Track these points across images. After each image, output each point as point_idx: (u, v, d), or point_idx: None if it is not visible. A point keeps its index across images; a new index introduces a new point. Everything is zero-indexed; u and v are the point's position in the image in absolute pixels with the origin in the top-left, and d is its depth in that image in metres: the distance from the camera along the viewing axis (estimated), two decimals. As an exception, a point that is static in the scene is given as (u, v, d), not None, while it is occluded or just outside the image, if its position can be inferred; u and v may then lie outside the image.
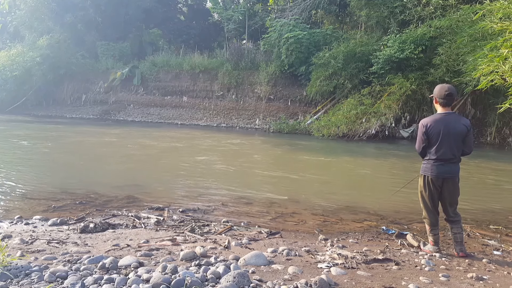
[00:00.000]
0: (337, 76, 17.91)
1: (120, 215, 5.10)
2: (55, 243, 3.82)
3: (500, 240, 4.53)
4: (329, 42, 19.22)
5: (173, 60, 25.82)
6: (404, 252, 3.93)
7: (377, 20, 18.38)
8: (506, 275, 3.40)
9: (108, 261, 3.16)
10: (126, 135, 15.87)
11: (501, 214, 5.80)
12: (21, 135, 14.54)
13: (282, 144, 14.60)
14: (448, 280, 3.20)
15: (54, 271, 2.91)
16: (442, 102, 3.78)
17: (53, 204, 5.60)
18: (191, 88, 24.56)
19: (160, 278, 2.78)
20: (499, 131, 15.58)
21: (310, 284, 2.91)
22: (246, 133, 18.66)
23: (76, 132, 16.46)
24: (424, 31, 15.60)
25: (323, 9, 22.42)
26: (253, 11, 27.30)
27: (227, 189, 7.07)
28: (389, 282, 3.10)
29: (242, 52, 23.58)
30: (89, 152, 11.34)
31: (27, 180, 7.24)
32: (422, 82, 15.53)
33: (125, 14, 29.13)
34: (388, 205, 6.08)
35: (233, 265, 3.18)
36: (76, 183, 7.10)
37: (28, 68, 25.77)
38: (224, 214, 5.42)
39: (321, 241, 4.26)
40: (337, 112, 16.87)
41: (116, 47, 27.84)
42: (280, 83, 21.64)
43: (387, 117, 15.57)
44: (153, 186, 7.03)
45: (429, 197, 3.87)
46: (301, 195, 6.75)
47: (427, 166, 3.85)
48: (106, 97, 26.70)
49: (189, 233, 4.36)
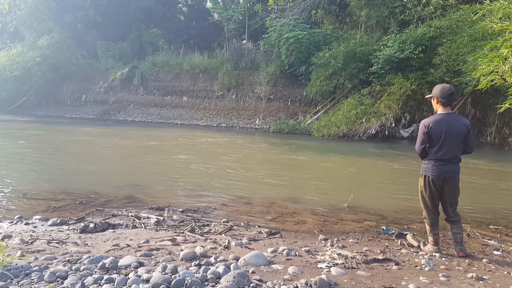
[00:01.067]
0: (337, 76, 17.92)
1: (120, 215, 5.10)
2: (55, 243, 3.82)
3: (500, 240, 4.53)
4: (329, 42, 19.22)
5: (173, 60, 25.82)
6: (404, 252, 3.93)
7: (377, 20, 18.38)
8: (506, 275, 3.40)
9: (108, 261, 3.16)
10: (126, 135, 15.86)
11: (501, 214, 5.80)
12: (21, 135, 14.54)
13: (282, 144, 14.60)
14: (448, 280, 3.20)
15: (54, 271, 2.91)
16: (444, 102, 3.78)
17: (53, 204, 5.60)
18: (191, 88, 24.57)
19: (160, 278, 2.78)
20: (499, 131, 15.58)
21: (310, 284, 2.91)
22: (246, 133, 18.65)
23: (76, 132, 16.46)
24: (424, 31, 15.60)
25: (323, 9, 22.42)
26: (253, 11, 27.29)
27: (227, 189, 7.07)
28: (389, 282, 3.10)
29: (242, 52, 23.58)
30: (89, 152, 11.34)
31: (27, 180, 7.24)
32: (422, 82, 15.53)
33: (125, 14, 29.12)
34: (388, 205, 6.08)
35: (233, 265, 3.18)
36: (76, 183, 7.09)
37: (28, 68, 25.75)
38: (224, 214, 5.42)
39: (321, 241, 4.26)
40: (337, 112, 16.88)
41: (116, 47, 27.84)
42: (280, 83, 21.64)
43: (387, 117, 15.57)
44: (153, 186, 7.03)
45: (429, 197, 3.88)
46: (301, 195, 6.75)
47: (428, 166, 3.85)
48: (106, 97, 26.70)
49: (189, 233, 4.36)
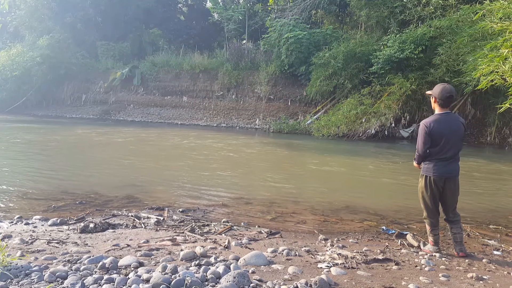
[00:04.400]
0: (337, 76, 17.92)
1: (120, 215, 5.10)
2: (55, 243, 3.82)
3: (500, 240, 4.53)
4: (329, 42, 19.22)
5: (173, 60, 25.82)
6: (404, 252, 3.93)
7: (377, 20, 18.38)
8: (506, 275, 3.40)
9: (108, 261, 3.16)
10: (125, 135, 15.86)
11: (501, 214, 5.80)
12: (21, 135, 14.53)
13: (282, 144, 14.60)
14: (448, 280, 3.20)
15: (54, 271, 2.91)
16: (442, 104, 3.78)
17: (53, 204, 5.60)
18: (191, 88, 24.56)
19: (160, 278, 2.78)
20: (499, 131, 15.58)
21: (310, 284, 2.91)
22: (246, 133, 18.65)
23: (76, 132, 16.45)
24: (424, 31, 15.60)
25: (323, 9, 22.42)
26: (253, 11, 27.29)
27: (227, 189, 7.07)
28: (389, 282, 3.10)
29: (242, 52, 23.58)
30: (88, 152, 11.34)
31: (27, 180, 7.24)
32: (422, 82, 15.53)
33: (125, 14, 29.12)
34: (388, 205, 6.08)
35: (233, 265, 3.18)
36: (76, 183, 7.10)
37: (28, 68, 25.74)
38: (224, 214, 5.42)
39: (321, 241, 4.26)
40: (337, 112, 16.89)
41: (116, 47, 27.84)
42: (280, 83, 21.65)
43: (387, 117, 15.57)
44: (153, 186, 7.03)
45: (430, 198, 3.87)
46: (301, 195, 6.75)
47: (429, 167, 3.84)
48: (106, 97, 26.70)
49: (189, 233, 4.36)
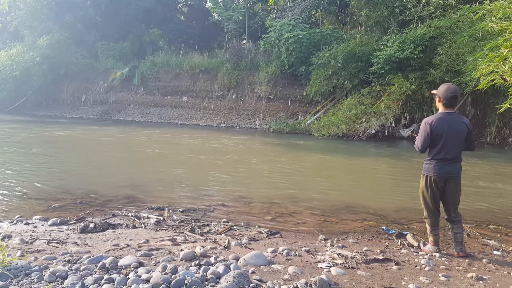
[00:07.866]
0: (337, 76, 17.92)
1: (120, 215, 5.10)
2: (55, 243, 3.82)
3: (500, 240, 4.53)
4: (329, 42, 19.23)
5: (173, 60, 25.82)
6: (404, 252, 3.93)
7: (377, 20, 18.39)
8: (506, 275, 3.40)
9: (108, 261, 3.16)
10: (125, 135, 15.86)
11: (501, 214, 5.80)
12: (20, 135, 14.53)
13: (282, 144, 14.60)
14: (448, 280, 3.20)
15: (54, 271, 2.91)
16: (445, 103, 3.78)
17: (53, 204, 5.60)
18: (191, 88, 24.57)
19: (160, 278, 2.78)
20: (499, 131, 15.59)
21: (310, 284, 2.91)
22: (246, 133, 18.65)
23: (76, 132, 16.45)
24: (424, 31, 15.61)
25: (323, 9, 22.43)
26: (253, 11, 27.30)
27: (227, 189, 7.07)
28: (389, 282, 3.10)
29: (242, 52, 23.58)
30: (88, 152, 11.34)
31: (27, 180, 7.23)
32: (422, 82, 15.54)
33: (125, 14, 29.11)
34: (388, 205, 6.08)
35: (233, 265, 3.18)
36: (76, 183, 7.09)
37: (28, 68, 25.74)
38: (224, 214, 5.41)
39: (321, 241, 4.26)
40: (337, 112, 16.89)
41: (116, 47, 27.83)
42: (280, 83, 21.65)
43: (387, 117, 15.58)
44: (153, 186, 7.02)
45: (431, 198, 3.87)
46: (301, 195, 6.74)
47: (430, 166, 3.84)
48: (106, 97, 26.70)
49: (189, 233, 4.36)
